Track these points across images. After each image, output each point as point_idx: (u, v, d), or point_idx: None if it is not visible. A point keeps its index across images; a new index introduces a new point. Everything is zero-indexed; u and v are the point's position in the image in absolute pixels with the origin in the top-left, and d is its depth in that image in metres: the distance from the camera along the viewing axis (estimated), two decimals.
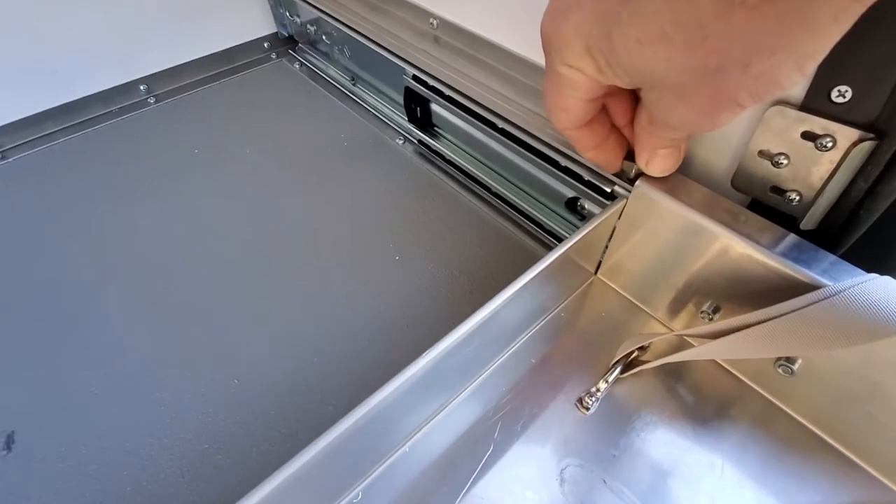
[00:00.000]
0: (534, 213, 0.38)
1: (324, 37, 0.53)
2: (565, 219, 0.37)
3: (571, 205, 0.35)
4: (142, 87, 0.51)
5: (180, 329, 0.33)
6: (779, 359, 0.26)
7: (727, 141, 0.28)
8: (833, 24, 0.15)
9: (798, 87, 0.24)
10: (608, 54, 0.20)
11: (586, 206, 0.34)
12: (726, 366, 0.30)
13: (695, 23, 0.17)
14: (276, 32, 0.59)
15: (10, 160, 0.46)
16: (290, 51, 0.60)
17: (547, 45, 0.22)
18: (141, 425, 0.29)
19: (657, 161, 0.26)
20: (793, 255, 0.24)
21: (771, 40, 0.16)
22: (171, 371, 0.31)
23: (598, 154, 0.27)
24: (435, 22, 0.41)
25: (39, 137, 0.48)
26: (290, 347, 0.32)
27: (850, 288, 0.21)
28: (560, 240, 0.37)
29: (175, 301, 0.35)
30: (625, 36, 0.19)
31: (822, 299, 0.21)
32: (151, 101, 0.52)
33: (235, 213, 0.41)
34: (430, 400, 0.26)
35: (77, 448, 0.28)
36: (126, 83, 0.50)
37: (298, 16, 0.55)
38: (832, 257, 0.24)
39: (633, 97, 0.25)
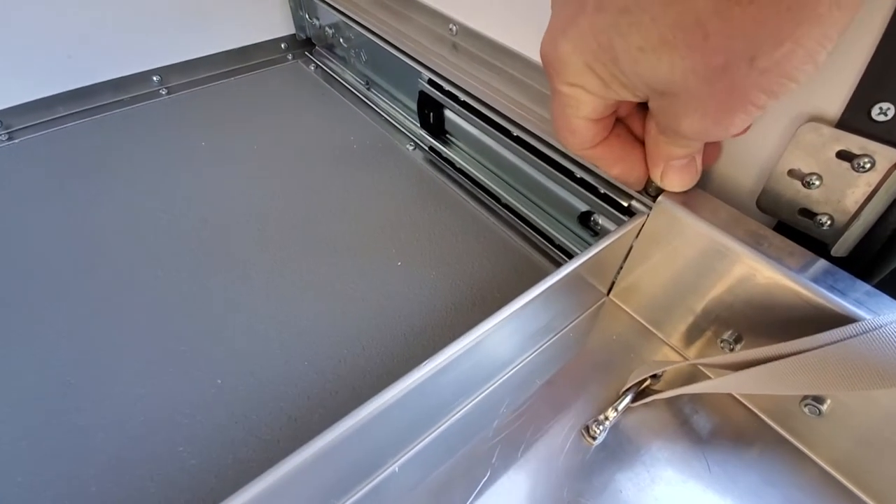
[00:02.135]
0: (544, 226, 0.36)
1: (341, 40, 0.53)
2: (577, 234, 0.35)
3: (584, 220, 0.34)
4: (155, 78, 0.51)
5: (165, 323, 0.32)
6: (805, 397, 0.24)
7: (754, 158, 0.26)
8: (837, 9, 0.15)
9: (835, 103, 0.22)
10: (612, 67, 0.20)
11: (600, 221, 0.33)
12: (745, 402, 0.27)
13: (694, 23, 0.17)
14: (294, 34, 0.59)
15: (16, 141, 0.45)
16: (306, 53, 0.60)
17: (548, 68, 0.22)
18: (114, 421, 0.27)
19: (672, 174, 0.25)
20: (826, 282, 0.22)
21: (774, 31, 0.16)
22: (150, 367, 0.29)
23: (623, 170, 0.26)
24: (454, 28, 0.40)
25: (48, 121, 0.47)
26: (280, 350, 0.30)
27: (892, 323, 0.19)
28: (570, 255, 0.35)
29: (162, 294, 0.34)
30: (626, 45, 0.19)
31: (861, 333, 0.19)
32: (164, 92, 0.51)
33: (234, 208, 0.40)
34: (423, 416, 0.24)
35: (44, 441, 0.26)
36: (139, 73, 0.50)
37: (318, 18, 0.55)
38: (868, 287, 0.22)
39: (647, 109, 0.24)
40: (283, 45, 0.58)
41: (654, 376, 0.27)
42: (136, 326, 0.32)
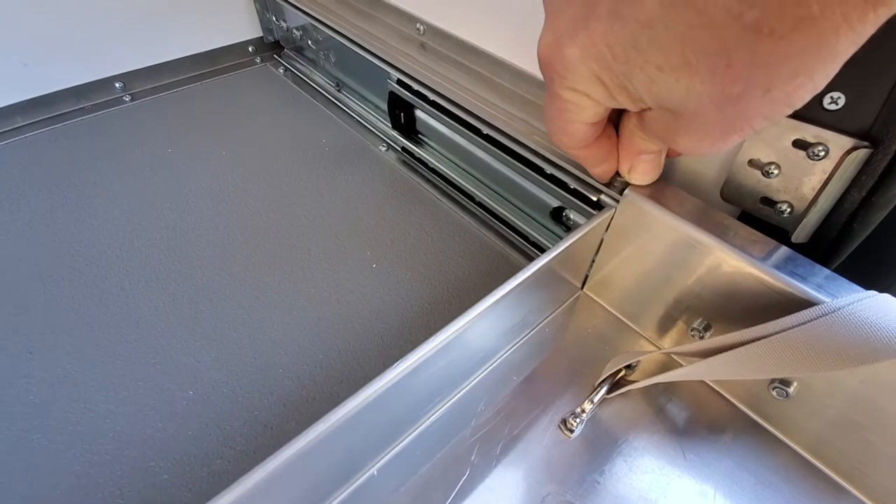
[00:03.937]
0: (518, 223, 0.37)
1: (310, 42, 0.52)
2: (551, 230, 0.36)
3: (557, 215, 0.34)
4: (117, 85, 0.50)
5: (133, 335, 0.31)
6: (773, 381, 0.24)
7: None
8: (853, 47, 0.15)
9: None
10: (623, 79, 0.19)
11: (572, 216, 0.33)
12: (717, 388, 0.28)
13: (719, 50, 0.16)
14: (262, 37, 0.58)
15: None
16: (275, 56, 0.59)
17: (548, 70, 0.21)
18: (81, 439, 0.26)
19: (640, 167, 0.25)
20: (787, 268, 0.23)
21: (795, 66, 0.16)
22: (119, 380, 0.29)
23: (604, 169, 0.26)
24: (421, 27, 0.40)
25: (6, 131, 0.46)
26: (253, 358, 0.30)
27: (849, 305, 0.19)
28: (545, 252, 0.36)
29: (129, 305, 0.33)
30: (644, 62, 0.18)
31: (820, 316, 0.20)
32: (127, 98, 0.50)
33: (203, 215, 0.39)
34: (400, 418, 0.24)
35: (9, 462, 0.25)
36: (101, 79, 0.49)
37: (285, 20, 0.54)
38: (827, 272, 0.23)
39: None
40: (250, 49, 0.57)
41: (628, 367, 0.27)
42: (102, 339, 0.31)
